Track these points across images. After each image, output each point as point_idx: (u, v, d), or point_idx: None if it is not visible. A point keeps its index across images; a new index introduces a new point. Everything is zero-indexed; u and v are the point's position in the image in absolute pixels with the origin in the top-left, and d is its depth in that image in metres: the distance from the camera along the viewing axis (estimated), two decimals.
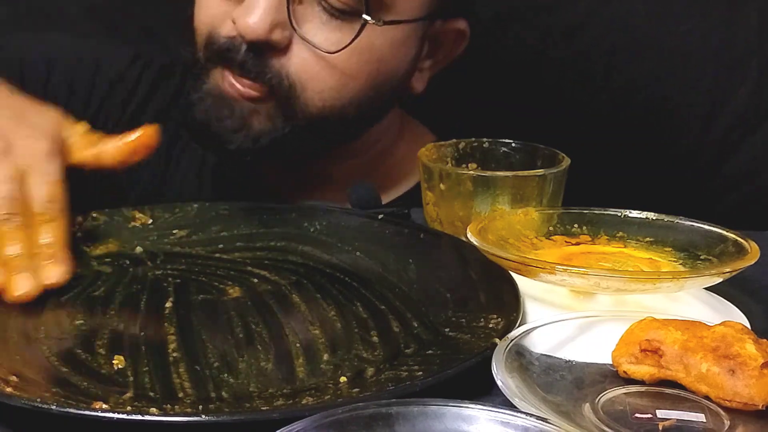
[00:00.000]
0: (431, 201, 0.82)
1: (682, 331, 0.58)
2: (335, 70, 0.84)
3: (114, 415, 0.51)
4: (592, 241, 0.76)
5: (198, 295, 0.71)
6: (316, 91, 0.85)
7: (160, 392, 0.57)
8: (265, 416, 0.52)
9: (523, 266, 0.68)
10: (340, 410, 0.47)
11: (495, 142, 0.88)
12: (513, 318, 0.63)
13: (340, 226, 0.82)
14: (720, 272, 0.66)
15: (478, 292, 0.70)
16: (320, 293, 0.72)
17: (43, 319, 0.66)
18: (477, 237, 0.71)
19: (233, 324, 0.66)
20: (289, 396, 0.56)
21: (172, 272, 0.75)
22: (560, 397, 0.56)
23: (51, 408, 0.51)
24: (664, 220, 0.76)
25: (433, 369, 0.57)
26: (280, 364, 0.61)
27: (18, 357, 0.60)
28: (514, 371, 0.57)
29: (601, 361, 0.60)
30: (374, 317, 0.68)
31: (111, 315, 0.67)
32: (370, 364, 0.61)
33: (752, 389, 0.55)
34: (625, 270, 0.70)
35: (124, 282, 0.73)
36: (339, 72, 0.84)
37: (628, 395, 0.57)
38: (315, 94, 0.85)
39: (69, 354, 0.61)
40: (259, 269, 0.76)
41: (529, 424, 0.48)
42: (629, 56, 1.17)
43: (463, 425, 0.48)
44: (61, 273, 0.70)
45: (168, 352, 0.62)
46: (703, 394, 0.56)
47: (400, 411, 0.48)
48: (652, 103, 1.18)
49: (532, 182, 0.80)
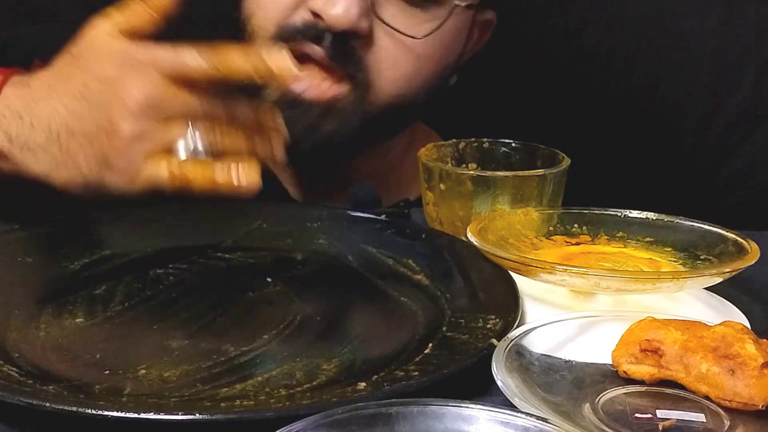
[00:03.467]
0: (431, 201, 0.82)
1: (682, 331, 0.58)
2: (413, 56, 0.85)
3: (111, 413, 0.51)
4: (592, 241, 0.76)
5: (199, 294, 0.71)
6: (391, 80, 0.85)
7: (158, 391, 0.57)
8: (265, 416, 0.52)
9: (523, 266, 0.68)
10: (340, 410, 0.47)
11: (495, 142, 0.88)
12: (512, 318, 0.63)
13: (342, 225, 0.82)
14: (720, 272, 0.66)
15: (478, 292, 0.70)
16: (319, 292, 0.72)
17: (43, 318, 0.66)
18: (477, 237, 0.71)
19: (233, 324, 0.66)
20: (288, 396, 0.56)
21: (173, 271, 0.75)
22: (560, 397, 0.56)
23: (45, 405, 0.52)
24: (664, 220, 0.76)
25: (429, 369, 0.57)
26: (279, 364, 0.61)
27: (17, 355, 0.61)
28: (514, 371, 0.57)
29: (601, 361, 0.60)
30: (374, 317, 0.68)
31: (111, 314, 0.67)
32: (368, 364, 0.61)
33: (752, 389, 0.54)
34: (625, 270, 0.70)
35: (125, 281, 0.73)
36: (416, 58, 0.86)
37: (628, 395, 0.57)
38: (390, 83, 0.85)
39: (69, 353, 0.61)
40: (260, 268, 0.76)
41: (529, 424, 0.48)
42: (628, 56, 1.17)
43: (463, 425, 0.48)
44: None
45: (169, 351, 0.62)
46: (703, 394, 0.56)
47: (400, 411, 0.48)
48: (651, 103, 1.18)
49: (532, 182, 0.79)
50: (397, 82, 0.85)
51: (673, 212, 0.76)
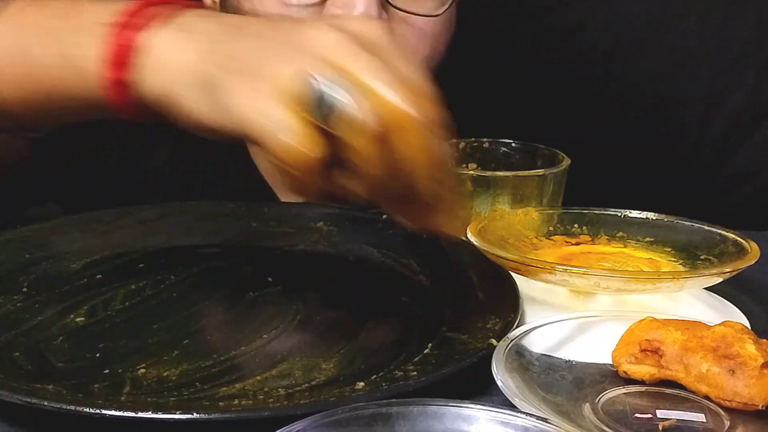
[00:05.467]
0: None
1: (682, 331, 0.58)
2: (428, 38, 0.86)
3: (109, 412, 0.51)
4: (592, 241, 0.76)
5: (199, 293, 0.71)
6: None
7: (157, 390, 0.57)
8: (263, 415, 0.52)
9: (523, 266, 0.68)
10: (340, 410, 0.47)
11: (495, 142, 0.88)
12: (511, 318, 0.63)
13: (342, 225, 0.82)
14: (720, 272, 0.66)
15: (477, 292, 0.70)
16: (319, 292, 0.72)
17: (43, 318, 0.66)
18: (477, 237, 0.71)
19: (233, 324, 0.66)
20: (287, 395, 0.56)
21: (173, 271, 0.75)
22: (560, 397, 0.56)
23: (44, 404, 0.52)
24: (664, 220, 0.76)
25: (428, 369, 0.57)
26: (278, 364, 0.61)
27: (17, 353, 0.61)
28: (514, 371, 0.57)
29: (601, 361, 0.60)
30: (373, 317, 0.68)
31: (111, 314, 0.67)
32: (367, 364, 0.60)
33: (752, 389, 0.54)
34: (625, 270, 0.70)
35: (125, 281, 0.73)
36: (430, 39, 0.86)
37: (628, 395, 0.57)
38: None
39: (69, 352, 0.61)
40: (260, 268, 0.76)
41: (529, 424, 0.48)
42: (628, 57, 1.17)
43: (463, 425, 0.48)
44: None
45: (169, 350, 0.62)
46: (703, 394, 0.56)
47: (400, 411, 0.48)
48: (651, 103, 1.18)
49: (532, 182, 0.79)
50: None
51: (673, 212, 0.76)
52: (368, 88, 0.56)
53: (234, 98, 0.58)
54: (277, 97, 0.56)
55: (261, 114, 0.56)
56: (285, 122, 0.56)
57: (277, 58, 0.58)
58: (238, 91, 0.58)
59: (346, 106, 0.55)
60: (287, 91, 0.56)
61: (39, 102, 0.71)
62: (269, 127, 0.56)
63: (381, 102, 0.55)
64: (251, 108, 0.57)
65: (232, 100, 0.58)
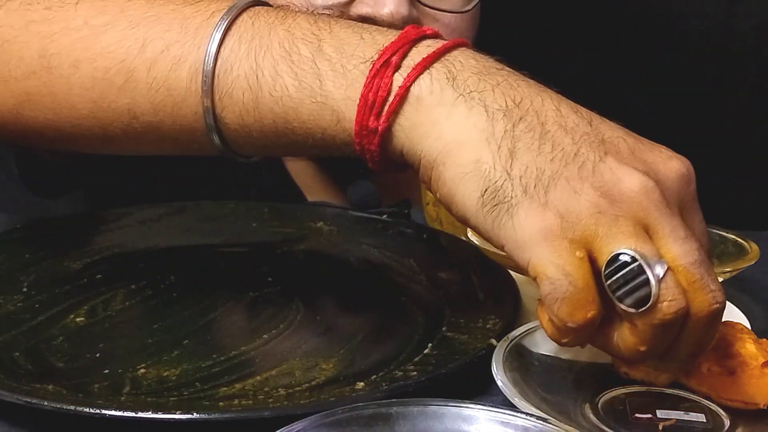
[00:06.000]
0: (431, 201, 0.82)
1: None
2: (456, 35, 0.85)
3: (109, 412, 0.51)
4: None
5: (199, 293, 0.71)
6: None
7: (157, 390, 0.57)
8: (263, 415, 0.52)
9: None
10: (340, 410, 0.47)
11: None
12: (512, 318, 0.63)
13: (342, 225, 0.82)
14: (720, 272, 0.66)
15: (478, 292, 0.70)
16: (319, 292, 0.72)
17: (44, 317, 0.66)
18: (477, 237, 0.71)
19: (233, 324, 0.66)
20: (287, 395, 0.56)
21: (173, 271, 0.75)
22: (560, 397, 0.56)
23: (43, 404, 0.52)
24: None
25: (428, 369, 0.57)
26: (278, 363, 0.61)
27: (17, 353, 0.61)
28: (514, 371, 0.57)
29: (601, 361, 0.60)
30: (373, 317, 0.68)
31: (112, 314, 0.67)
32: (367, 364, 0.60)
33: (752, 389, 0.54)
34: None
35: (125, 280, 0.73)
36: (458, 36, 0.85)
37: (628, 395, 0.57)
38: None
39: (69, 352, 0.61)
40: (260, 268, 0.76)
41: (529, 424, 0.48)
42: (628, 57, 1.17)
43: (463, 425, 0.48)
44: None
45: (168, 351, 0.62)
46: (703, 394, 0.56)
47: (400, 411, 0.48)
48: (651, 103, 1.18)
49: None
50: None
51: None
52: (685, 272, 0.50)
53: (521, 221, 0.51)
54: (572, 250, 0.50)
55: (551, 261, 0.50)
56: (577, 282, 0.50)
57: (581, 200, 0.51)
58: (529, 215, 0.51)
59: (653, 295, 0.50)
60: (586, 246, 0.50)
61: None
62: (558, 281, 0.50)
63: (695, 291, 0.50)
64: (541, 248, 0.51)
65: (518, 222, 0.52)
